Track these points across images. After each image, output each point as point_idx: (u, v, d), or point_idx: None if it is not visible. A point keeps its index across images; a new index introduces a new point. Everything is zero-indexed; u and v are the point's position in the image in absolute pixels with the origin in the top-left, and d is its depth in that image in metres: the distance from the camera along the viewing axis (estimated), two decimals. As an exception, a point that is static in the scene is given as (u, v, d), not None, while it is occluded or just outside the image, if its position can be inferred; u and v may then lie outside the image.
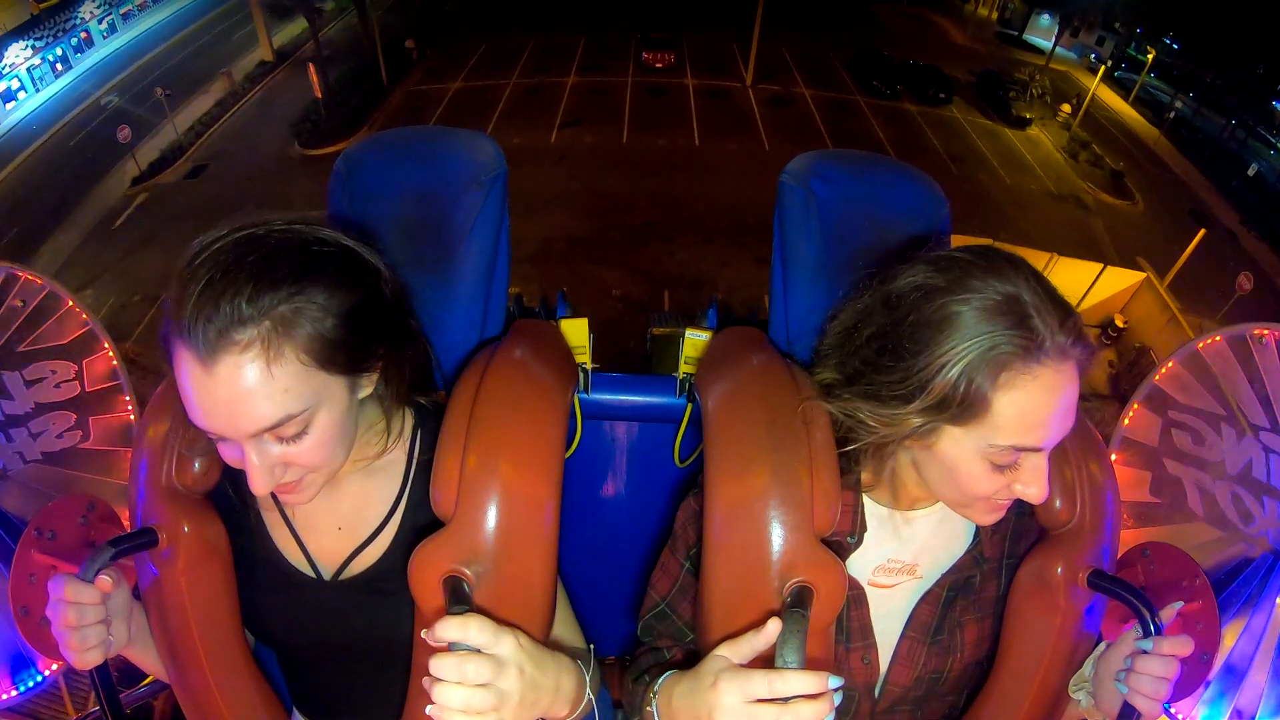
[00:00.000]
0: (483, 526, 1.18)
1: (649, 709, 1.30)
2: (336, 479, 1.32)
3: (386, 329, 1.24)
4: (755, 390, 1.37)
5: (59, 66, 29.49)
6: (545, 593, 1.27)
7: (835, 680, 1.03)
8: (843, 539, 1.38)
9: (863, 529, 1.39)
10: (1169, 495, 1.73)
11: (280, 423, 1.11)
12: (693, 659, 1.28)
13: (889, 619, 1.43)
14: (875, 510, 1.41)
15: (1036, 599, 1.37)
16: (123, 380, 1.81)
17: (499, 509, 1.19)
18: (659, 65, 29.97)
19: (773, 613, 1.17)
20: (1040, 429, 1.14)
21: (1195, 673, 1.36)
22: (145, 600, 1.40)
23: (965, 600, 1.43)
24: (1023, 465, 1.18)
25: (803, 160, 1.68)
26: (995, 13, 44.14)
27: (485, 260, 1.62)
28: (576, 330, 1.76)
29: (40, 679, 1.67)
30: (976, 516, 1.29)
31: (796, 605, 1.15)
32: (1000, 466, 1.18)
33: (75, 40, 30.56)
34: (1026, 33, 41.18)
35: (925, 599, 1.42)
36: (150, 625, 1.40)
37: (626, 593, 2.16)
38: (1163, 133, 31.25)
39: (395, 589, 1.34)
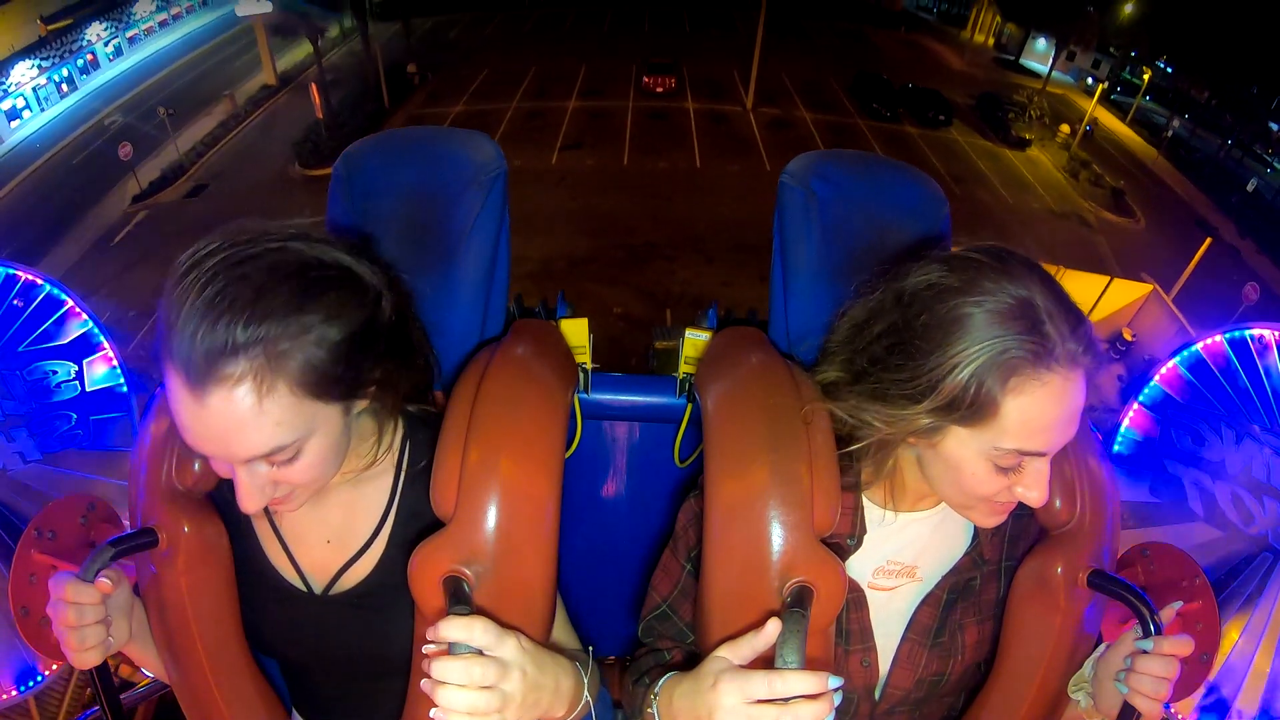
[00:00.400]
0: (483, 526, 1.18)
1: (650, 711, 1.30)
2: (324, 490, 1.31)
3: (385, 351, 1.21)
4: (755, 390, 1.36)
5: (64, 87, 29.69)
6: (545, 593, 1.27)
7: (835, 680, 1.02)
8: (842, 541, 1.38)
9: (862, 531, 1.39)
10: (1169, 495, 1.73)
11: (272, 452, 1.10)
12: (693, 660, 1.27)
13: (889, 621, 1.43)
14: (875, 512, 1.40)
15: (1036, 599, 1.36)
16: (123, 380, 1.81)
17: (499, 509, 1.18)
18: (660, 90, 30.15)
19: (772, 613, 1.17)
20: (1045, 434, 1.14)
21: (1195, 673, 1.36)
22: (145, 600, 1.39)
23: (966, 603, 1.43)
24: (1025, 468, 1.18)
25: (803, 160, 1.68)
26: (991, 39, 44.60)
27: (485, 260, 1.62)
28: (576, 330, 1.76)
29: (40, 679, 1.67)
30: (977, 518, 1.29)
31: (796, 605, 1.15)
32: (1003, 469, 1.18)
33: (81, 62, 30.78)
34: (1023, 57, 41.66)
35: (926, 601, 1.41)
36: (150, 625, 1.40)
37: (627, 593, 2.16)
38: (1161, 152, 31.42)
39: (387, 604, 1.34)
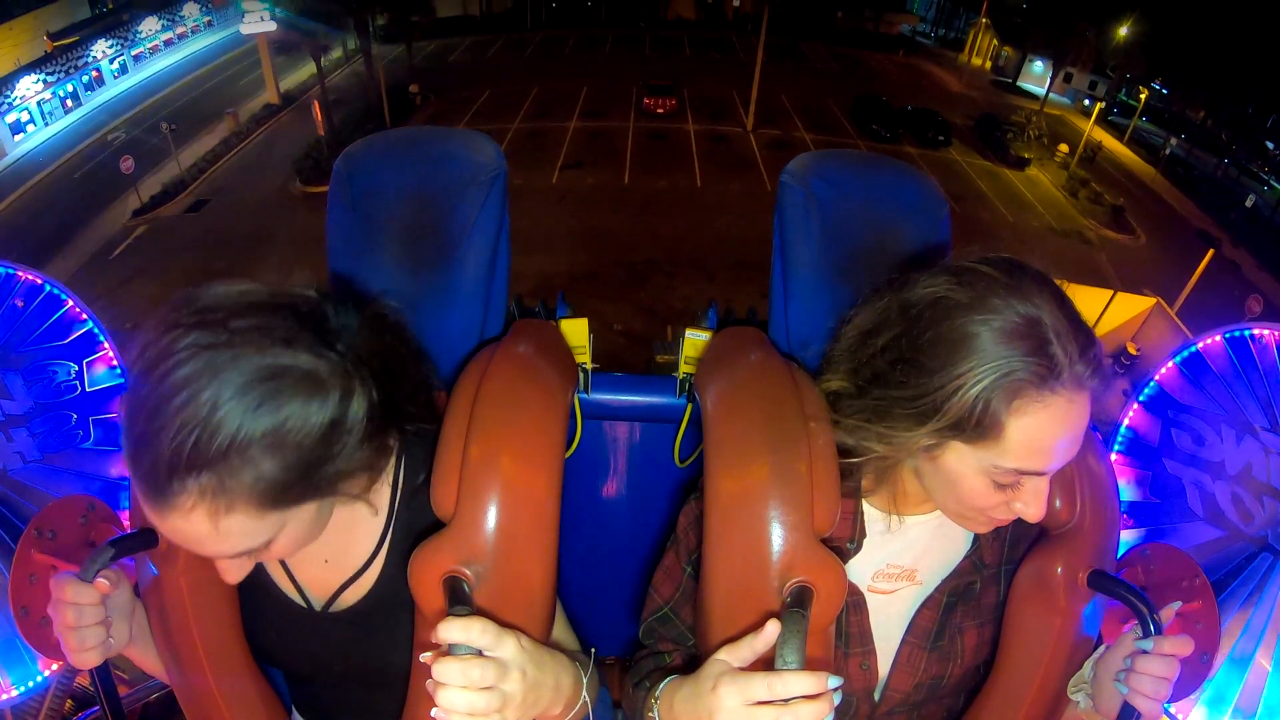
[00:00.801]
0: (483, 526, 1.17)
1: (651, 715, 1.29)
2: None
3: (359, 440, 1.14)
4: (755, 390, 1.36)
5: (69, 102, 30.02)
6: (545, 593, 1.26)
7: (835, 680, 1.02)
8: (842, 545, 1.37)
9: (862, 535, 1.39)
10: (1169, 495, 1.72)
11: (236, 555, 1.10)
12: (693, 664, 1.27)
13: (889, 625, 1.42)
14: (874, 516, 1.40)
15: (1036, 599, 1.36)
16: (123, 380, 1.80)
17: (499, 509, 1.18)
18: (660, 110, 30.37)
19: (772, 613, 1.16)
20: (1046, 455, 1.13)
21: (1195, 673, 1.35)
22: (145, 600, 1.39)
23: (965, 606, 1.42)
24: (1024, 486, 1.18)
25: (803, 160, 1.69)
26: (989, 62, 45.01)
27: (485, 260, 1.62)
28: (576, 330, 1.76)
29: (40, 679, 1.66)
30: (973, 527, 1.30)
31: (796, 605, 1.14)
32: (1002, 485, 1.18)
33: (86, 78, 31.12)
34: (1020, 79, 42.11)
35: (926, 605, 1.41)
36: (150, 625, 1.39)
37: (627, 593, 2.15)
38: (1159, 170, 31.65)
39: (386, 621, 1.34)
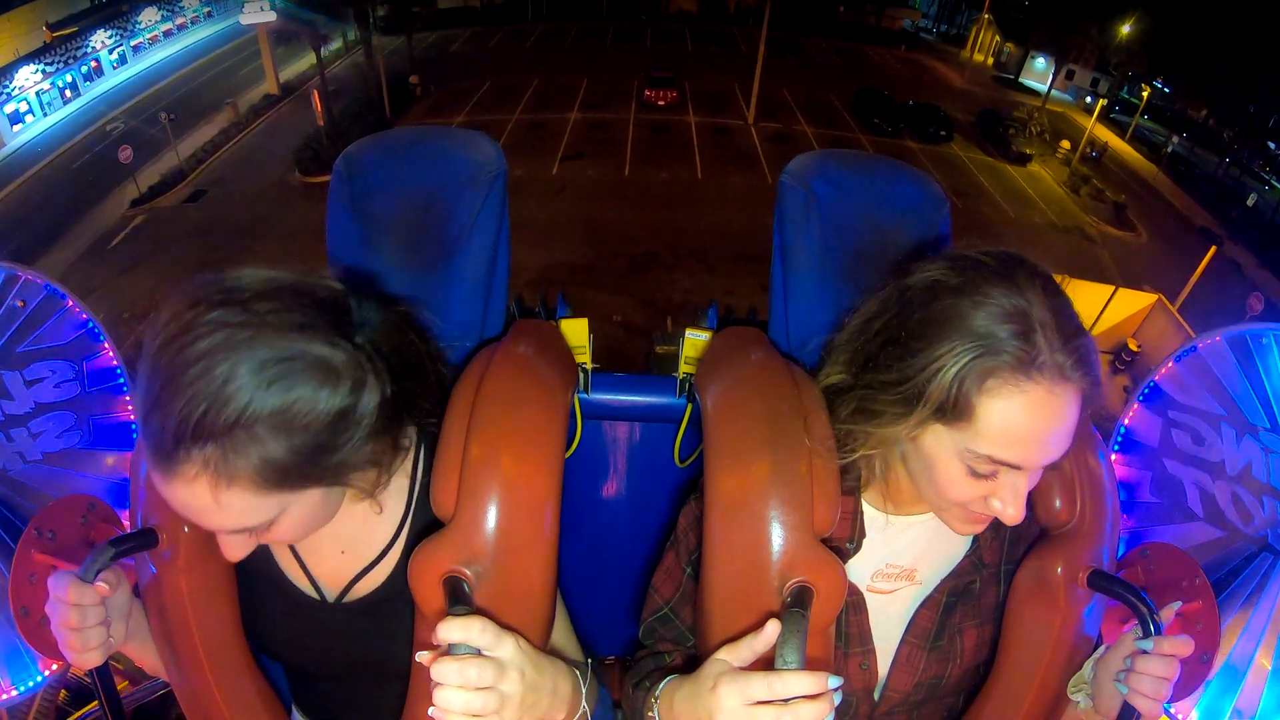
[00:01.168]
0: (483, 526, 1.17)
1: (651, 715, 1.29)
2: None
3: (370, 430, 1.16)
4: (755, 390, 1.36)
5: (68, 93, 29.92)
6: (545, 593, 1.27)
7: (835, 680, 1.02)
8: (841, 545, 1.38)
9: (861, 535, 1.39)
10: (1169, 495, 1.72)
11: (238, 531, 1.10)
12: (693, 663, 1.27)
13: (888, 625, 1.42)
14: (873, 516, 1.40)
15: (1036, 599, 1.36)
16: (123, 380, 1.81)
17: (499, 509, 1.18)
18: (661, 103, 30.32)
19: (772, 613, 1.17)
20: (1021, 446, 1.12)
21: (1195, 673, 1.35)
22: (145, 600, 1.39)
23: (965, 606, 1.42)
24: (1001, 481, 1.17)
25: (803, 160, 1.69)
26: (991, 58, 45.02)
27: (485, 260, 1.62)
28: (576, 330, 1.76)
29: (40, 679, 1.66)
30: (952, 522, 1.28)
31: (796, 605, 1.14)
32: (978, 474, 1.17)
33: (85, 69, 31.03)
34: (1022, 76, 42.08)
35: (925, 605, 1.41)
36: (150, 625, 1.39)
37: (627, 593, 2.16)
38: (1160, 168, 31.60)
39: (398, 612, 1.33)
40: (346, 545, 1.37)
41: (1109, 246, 24.37)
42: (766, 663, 1.09)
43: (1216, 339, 1.66)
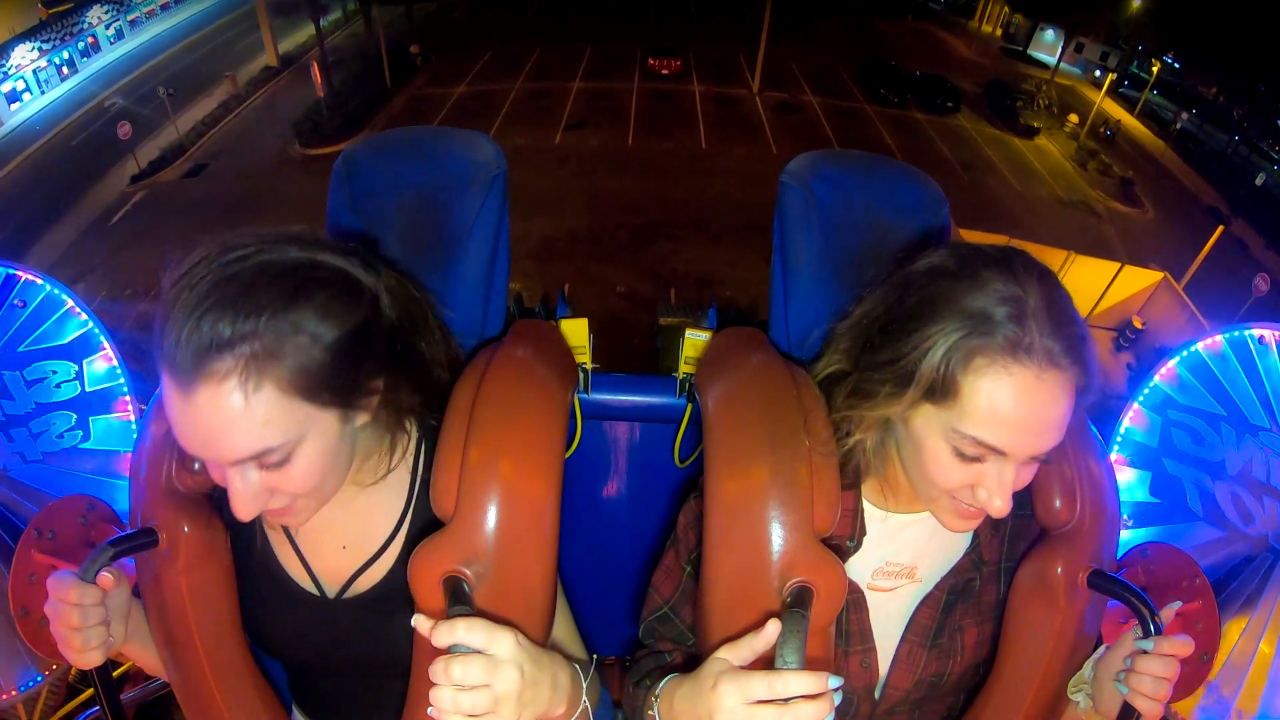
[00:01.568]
0: (483, 526, 1.18)
1: (651, 713, 1.30)
2: (341, 497, 1.30)
3: (384, 359, 1.20)
4: (755, 390, 1.36)
5: (65, 70, 29.69)
6: (545, 593, 1.27)
7: (835, 680, 1.02)
8: (842, 542, 1.38)
9: (862, 532, 1.39)
10: (1169, 495, 1.72)
11: (261, 454, 1.09)
12: (693, 662, 1.27)
13: (888, 622, 1.43)
14: (874, 513, 1.40)
15: (1036, 599, 1.36)
16: (123, 380, 1.81)
17: (499, 509, 1.18)
18: (665, 72, 30.06)
19: (773, 613, 1.17)
20: (1007, 430, 1.12)
21: (1195, 673, 1.36)
22: (145, 600, 1.39)
23: (965, 604, 1.43)
24: (988, 469, 1.17)
25: (803, 160, 1.68)
26: (999, 29, 44.50)
27: (485, 260, 1.62)
28: (576, 330, 1.76)
29: (40, 679, 1.67)
30: (943, 516, 1.27)
31: (796, 605, 1.15)
32: (964, 457, 1.17)
33: (82, 45, 30.78)
34: (1031, 48, 41.60)
35: (925, 602, 1.41)
36: (150, 625, 1.40)
37: (627, 593, 2.16)
38: (1169, 145, 31.36)
39: (399, 606, 1.34)
40: (347, 540, 1.37)
41: (1115, 222, 24.24)
42: (767, 662, 1.10)
43: (1217, 339, 1.66)
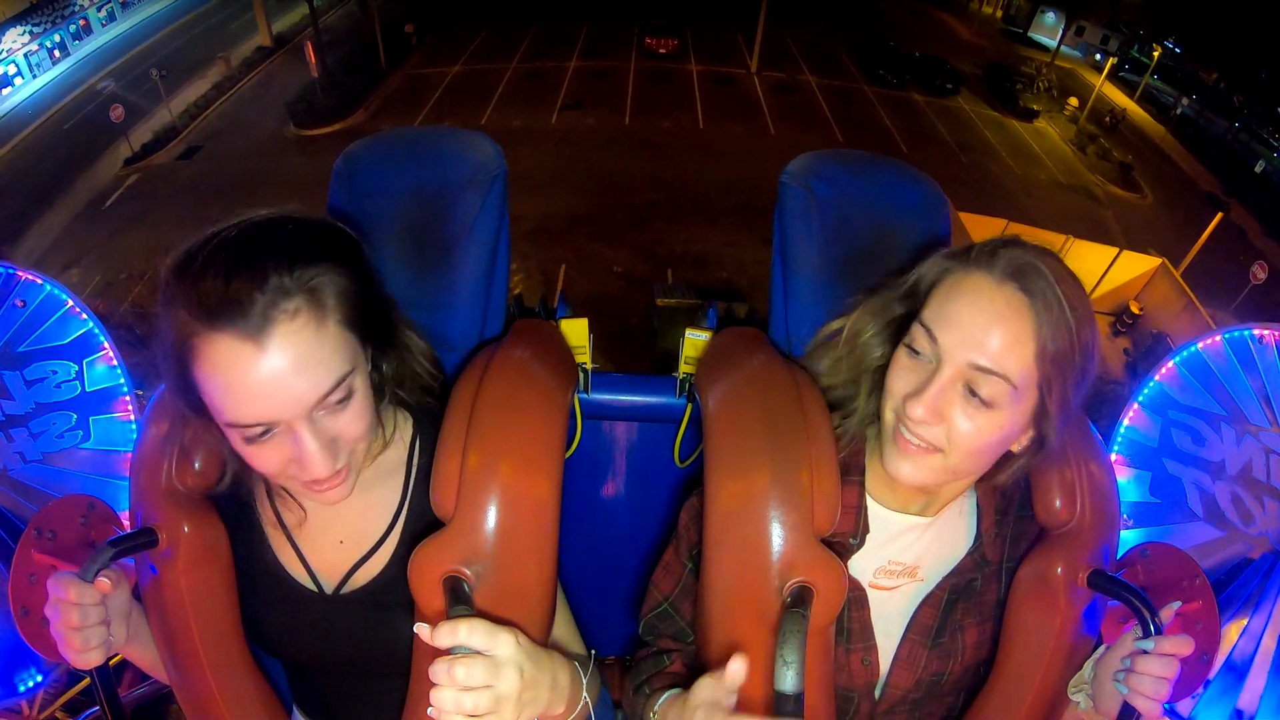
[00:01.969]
0: (483, 526, 1.18)
1: None
2: None
3: (383, 311, 1.28)
4: (755, 390, 1.37)
5: (56, 53, 29.38)
6: (545, 592, 1.28)
7: None
8: (844, 540, 1.38)
9: (865, 530, 1.39)
10: (1169, 495, 1.73)
11: (334, 387, 1.13)
12: (695, 673, 1.29)
13: (890, 621, 1.43)
14: (877, 512, 1.41)
15: (1036, 599, 1.37)
16: (123, 380, 1.81)
17: (499, 509, 1.19)
18: (662, 50, 29.83)
19: (773, 613, 1.18)
20: (952, 326, 1.19)
21: (1195, 673, 1.36)
22: (145, 600, 1.40)
23: (966, 603, 1.43)
24: (931, 380, 1.20)
25: (803, 160, 1.69)
26: (1000, 10, 44.18)
27: (485, 260, 1.62)
28: (576, 330, 1.76)
29: (40, 679, 1.67)
30: (889, 453, 1.29)
31: (796, 605, 1.16)
32: (914, 353, 1.23)
33: (74, 27, 30.47)
34: (1031, 30, 41.31)
35: (926, 601, 1.42)
36: (150, 625, 1.40)
37: (627, 592, 2.17)
38: (1169, 130, 31.29)
39: (397, 601, 1.34)
40: (344, 535, 1.38)
41: (1114, 207, 24.17)
42: (768, 659, 1.12)
43: (1216, 339, 1.66)
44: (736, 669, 1.07)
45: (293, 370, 1.08)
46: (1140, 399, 1.79)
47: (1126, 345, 15.67)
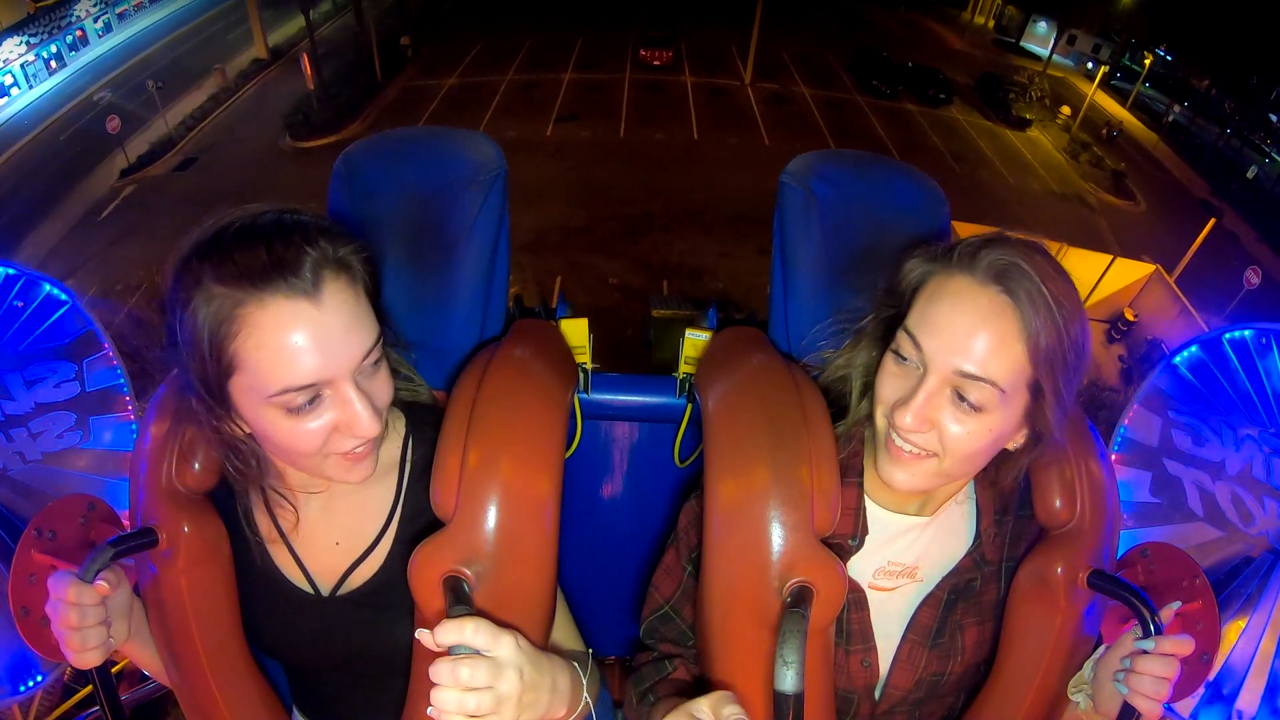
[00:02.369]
0: (483, 526, 1.18)
1: None
2: (332, 492, 1.34)
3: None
4: (755, 390, 1.37)
5: (53, 64, 29.42)
6: (545, 592, 1.28)
7: None
8: (844, 541, 1.38)
9: (864, 531, 1.39)
10: (1169, 495, 1.73)
11: (374, 344, 1.18)
12: (698, 680, 1.29)
13: (890, 622, 1.43)
14: (876, 513, 1.41)
15: (1036, 599, 1.37)
16: (123, 380, 1.80)
17: (499, 509, 1.18)
18: (656, 62, 29.98)
19: (773, 613, 1.18)
20: (935, 331, 1.19)
21: (1195, 673, 1.36)
22: (145, 600, 1.40)
23: (966, 603, 1.43)
24: (919, 386, 1.20)
25: (803, 160, 1.69)
26: (991, 20, 44.56)
27: (485, 260, 1.62)
28: (576, 330, 1.76)
29: (40, 679, 1.67)
30: (882, 460, 1.30)
31: (796, 605, 1.16)
32: (900, 360, 1.23)
33: (70, 38, 30.50)
34: (1023, 40, 41.69)
35: (926, 602, 1.42)
36: (150, 625, 1.40)
37: (627, 593, 2.16)
38: (1161, 137, 31.45)
39: (393, 601, 1.35)
40: (340, 536, 1.38)
41: (1108, 215, 24.31)
42: (768, 657, 1.13)
43: (1216, 339, 1.66)
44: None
45: (344, 327, 1.13)
46: (1140, 399, 1.79)
47: (1121, 352, 15.67)
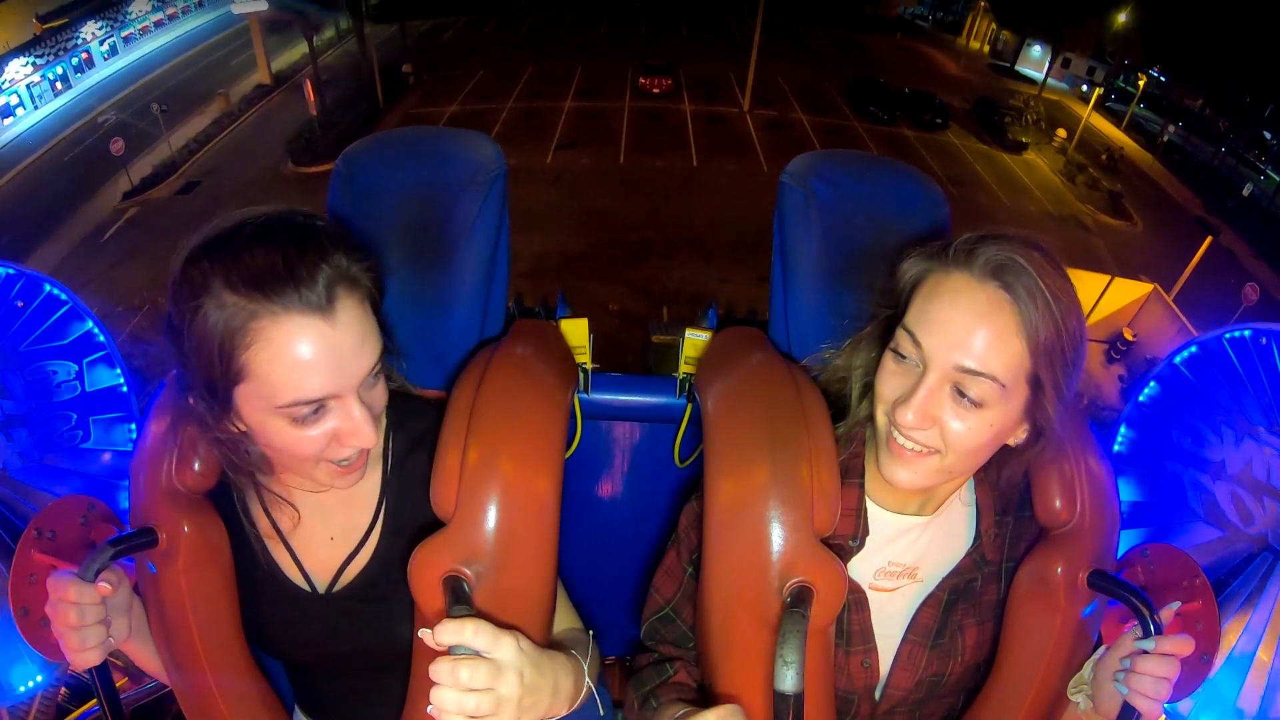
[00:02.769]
0: (483, 526, 1.18)
1: None
2: (326, 490, 1.34)
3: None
4: (755, 390, 1.37)
5: (59, 85, 29.70)
6: (545, 593, 1.27)
7: None
8: (844, 542, 1.38)
9: (865, 532, 1.39)
10: (1169, 495, 1.72)
11: (378, 360, 1.19)
12: (699, 686, 1.29)
13: (890, 622, 1.43)
14: (877, 513, 1.41)
15: (1036, 599, 1.37)
16: (123, 380, 1.80)
17: (499, 509, 1.19)
18: (656, 90, 30.19)
19: (773, 613, 1.18)
20: (934, 328, 1.19)
21: (1195, 673, 1.35)
22: (145, 600, 1.39)
23: (966, 604, 1.43)
24: (918, 385, 1.20)
25: (803, 160, 1.70)
26: (986, 45, 45.00)
27: (485, 260, 1.63)
28: (576, 330, 1.77)
29: (40, 679, 1.66)
30: (884, 458, 1.30)
31: (796, 605, 1.15)
32: (899, 357, 1.24)
33: (76, 60, 30.80)
34: (1018, 64, 42.07)
35: (926, 602, 1.41)
36: (150, 625, 1.40)
37: (627, 593, 2.16)
38: (1156, 157, 31.64)
39: (387, 594, 1.36)
40: (334, 531, 1.39)
41: (1105, 235, 24.38)
42: (768, 656, 1.12)
43: (1216, 339, 1.66)
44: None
45: (355, 344, 1.14)
46: (1140, 399, 1.79)
47: (1121, 372, 15.64)
